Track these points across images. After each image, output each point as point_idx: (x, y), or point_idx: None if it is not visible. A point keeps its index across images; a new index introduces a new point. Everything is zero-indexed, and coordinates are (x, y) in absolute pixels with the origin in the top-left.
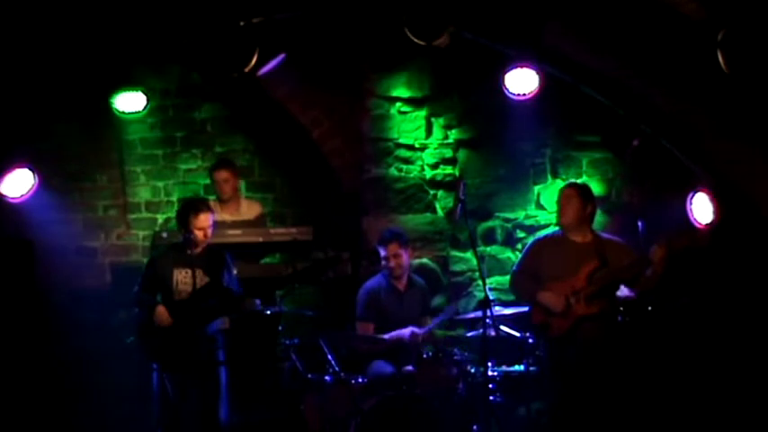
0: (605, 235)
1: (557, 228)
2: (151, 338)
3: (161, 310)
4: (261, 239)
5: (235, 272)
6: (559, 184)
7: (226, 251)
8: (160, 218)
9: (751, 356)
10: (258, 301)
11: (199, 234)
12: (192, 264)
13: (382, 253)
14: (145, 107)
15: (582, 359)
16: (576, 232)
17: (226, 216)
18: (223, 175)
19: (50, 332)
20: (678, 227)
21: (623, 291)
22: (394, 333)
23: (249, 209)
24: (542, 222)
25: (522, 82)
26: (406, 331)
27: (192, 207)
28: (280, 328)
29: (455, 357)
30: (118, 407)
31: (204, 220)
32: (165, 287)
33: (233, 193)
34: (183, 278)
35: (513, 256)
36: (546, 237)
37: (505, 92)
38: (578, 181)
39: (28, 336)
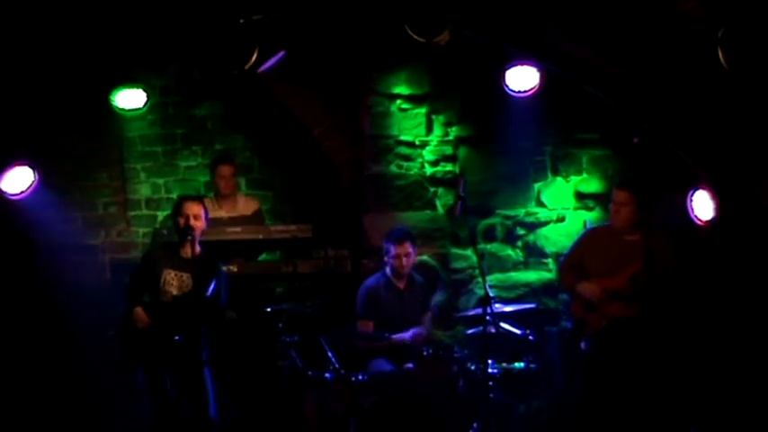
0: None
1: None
2: (131, 338)
3: (138, 311)
4: (261, 237)
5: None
6: (560, 181)
7: (220, 261)
8: (160, 215)
9: (751, 355)
10: (234, 315)
11: (180, 221)
12: (181, 267)
13: (392, 251)
14: (145, 104)
15: (613, 362)
16: (627, 231)
17: (223, 213)
18: (226, 170)
19: (50, 329)
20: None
21: None
22: (397, 336)
23: (246, 205)
24: (542, 219)
25: (522, 79)
26: (408, 333)
27: (180, 198)
28: (280, 325)
29: (455, 355)
30: (117, 404)
31: (190, 207)
32: (153, 286)
33: (232, 189)
34: (170, 280)
35: (513, 254)
36: (599, 229)
37: (506, 89)
38: (631, 180)
39: (28, 333)
